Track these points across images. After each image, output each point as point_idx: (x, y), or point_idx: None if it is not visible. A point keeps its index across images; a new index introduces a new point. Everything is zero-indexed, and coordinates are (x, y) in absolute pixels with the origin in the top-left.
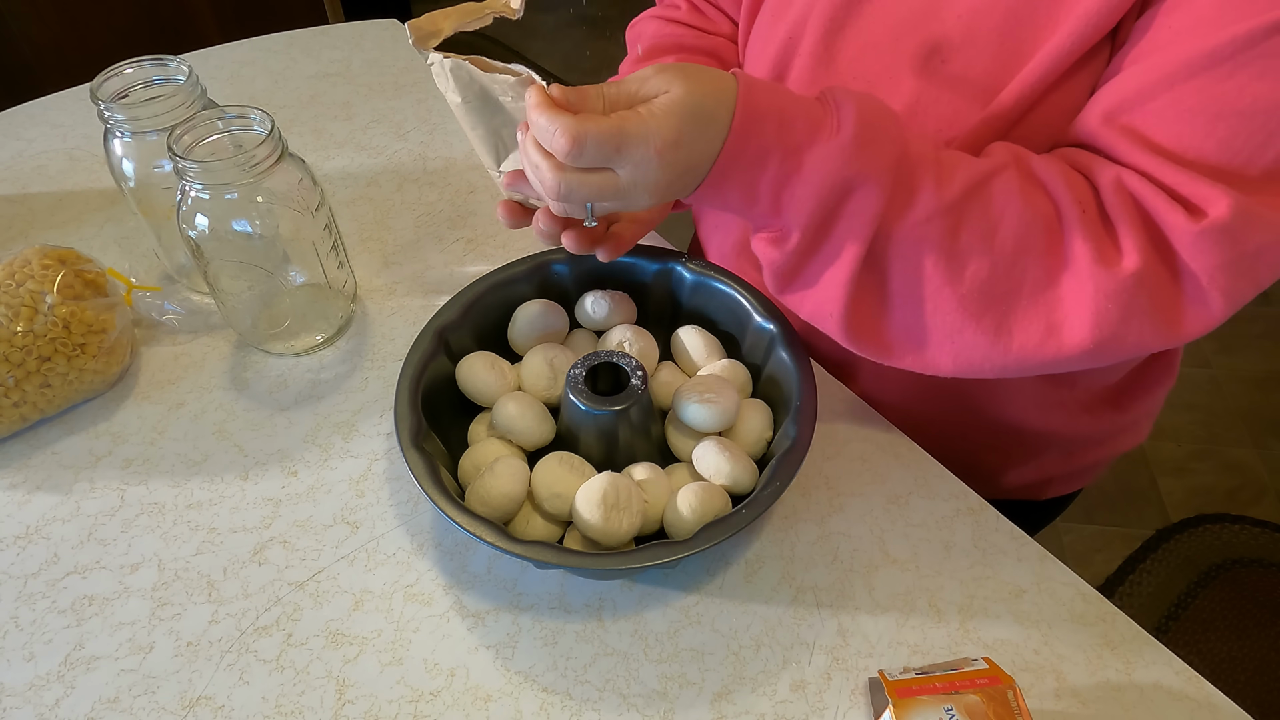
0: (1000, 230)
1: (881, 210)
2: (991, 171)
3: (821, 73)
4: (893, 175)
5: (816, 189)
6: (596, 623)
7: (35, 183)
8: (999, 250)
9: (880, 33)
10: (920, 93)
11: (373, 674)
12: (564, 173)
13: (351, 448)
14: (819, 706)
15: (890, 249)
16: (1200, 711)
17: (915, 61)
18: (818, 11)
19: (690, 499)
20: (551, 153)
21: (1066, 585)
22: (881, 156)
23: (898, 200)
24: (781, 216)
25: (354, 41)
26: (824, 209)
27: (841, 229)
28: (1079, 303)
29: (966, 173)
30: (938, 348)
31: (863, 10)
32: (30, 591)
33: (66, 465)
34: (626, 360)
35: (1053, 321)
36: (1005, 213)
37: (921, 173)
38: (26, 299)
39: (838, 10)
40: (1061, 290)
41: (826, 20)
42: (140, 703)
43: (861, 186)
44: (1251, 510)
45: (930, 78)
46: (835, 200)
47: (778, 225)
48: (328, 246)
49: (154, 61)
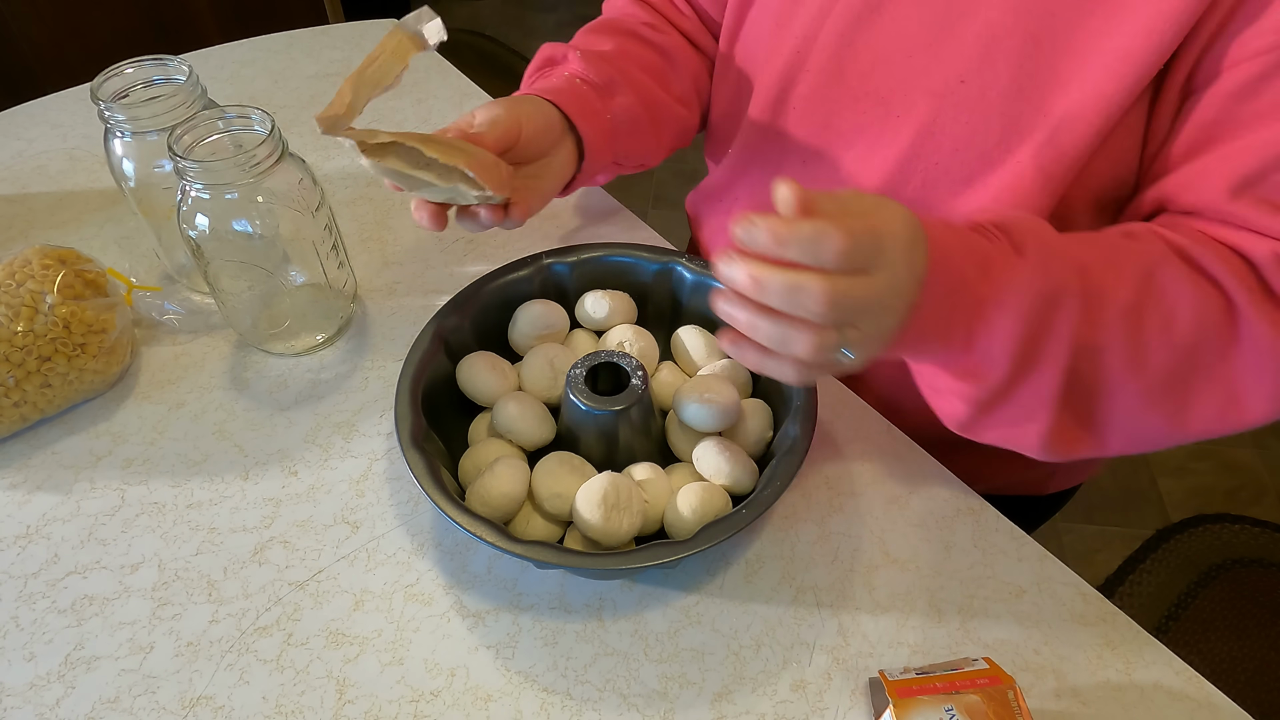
0: (1177, 321)
1: (1078, 321)
2: (1154, 262)
3: (832, 88)
4: (1080, 282)
5: (1020, 314)
6: (597, 623)
7: (35, 182)
8: (1178, 341)
9: (893, 49)
10: (937, 112)
11: (373, 674)
12: (834, 280)
13: (352, 448)
14: (819, 706)
15: (1083, 357)
16: (1200, 711)
17: (931, 80)
18: (830, 25)
19: (690, 499)
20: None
21: (1067, 585)
22: (1066, 266)
23: (1090, 307)
24: (975, 352)
25: (354, 41)
26: (1029, 332)
27: (1047, 350)
28: (1259, 376)
29: (1132, 267)
30: (1115, 434)
31: (874, 25)
32: (30, 591)
33: (67, 465)
34: (627, 360)
35: (1231, 395)
36: (1179, 304)
37: (1097, 274)
38: (27, 299)
39: (848, 25)
40: (1238, 366)
41: (837, 35)
42: (140, 703)
43: (1061, 302)
44: (1252, 510)
45: (947, 97)
46: (1039, 322)
47: (969, 362)
48: (328, 246)
49: (154, 61)
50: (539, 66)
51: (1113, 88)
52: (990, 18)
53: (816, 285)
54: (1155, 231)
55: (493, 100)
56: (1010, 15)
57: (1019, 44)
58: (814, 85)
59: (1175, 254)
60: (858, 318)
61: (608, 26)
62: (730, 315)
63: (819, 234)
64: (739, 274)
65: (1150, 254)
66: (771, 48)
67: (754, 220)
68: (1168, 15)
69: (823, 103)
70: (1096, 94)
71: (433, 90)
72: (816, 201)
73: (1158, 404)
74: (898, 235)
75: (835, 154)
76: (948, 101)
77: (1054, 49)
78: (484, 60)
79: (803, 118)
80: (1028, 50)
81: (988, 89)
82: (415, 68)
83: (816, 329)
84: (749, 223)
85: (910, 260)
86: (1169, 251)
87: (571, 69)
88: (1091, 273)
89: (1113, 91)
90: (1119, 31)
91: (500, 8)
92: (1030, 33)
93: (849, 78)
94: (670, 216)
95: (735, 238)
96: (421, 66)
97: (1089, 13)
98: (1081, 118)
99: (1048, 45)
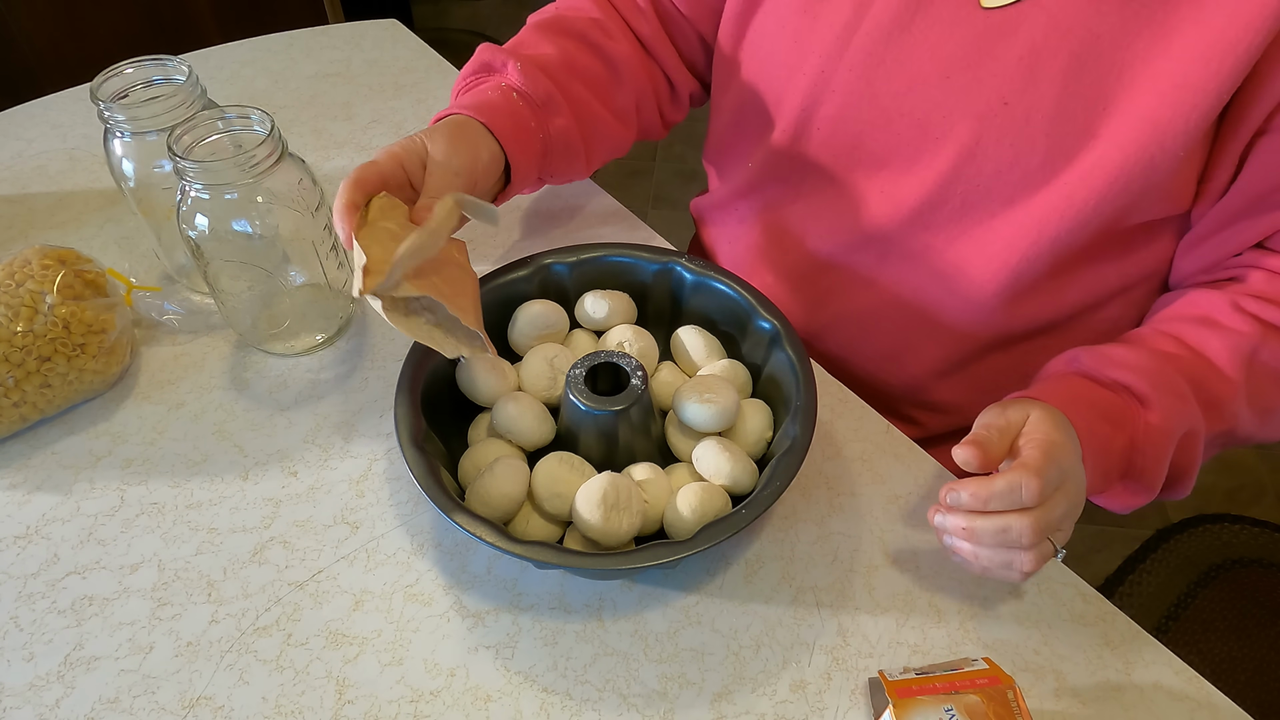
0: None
1: (1204, 431)
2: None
3: (862, 108)
4: (1198, 400)
5: (1163, 457)
6: (596, 623)
7: (35, 183)
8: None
9: (929, 70)
10: (979, 135)
11: (373, 674)
12: (1035, 513)
13: (351, 448)
14: (819, 707)
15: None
16: (1200, 712)
17: (973, 102)
18: (857, 43)
19: (690, 499)
20: (1020, 506)
21: (1066, 585)
22: (1183, 400)
23: (1211, 416)
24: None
25: (354, 42)
26: (1172, 462)
27: (1187, 462)
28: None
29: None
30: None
31: (905, 45)
32: (30, 591)
33: (66, 465)
34: (626, 360)
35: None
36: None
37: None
38: (26, 299)
39: (877, 44)
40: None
41: (865, 54)
42: (140, 703)
43: (1191, 430)
44: (1251, 510)
45: (990, 120)
46: (1177, 453)
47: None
48: (328, 247)
49: (154, 61)
50: (475, 71)
51: (1168, 114)
52: (1033, 38)
53: (1021, 523)
54: (1240, 311)
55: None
56: (1054, 36)
57: (1063, 65)
58: (841, 105)
59: (1267, 331)
60: (1061, 523)
61: (555, 26)
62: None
63: (1013, 488)
64: (953, 524)
65: (1242, 341)
66: (791, 65)
67: (956, 488)
68: (1226, 45)
69: (851, 123)
70: (1148, 119)
71: (432, 90)
72: (988, 443)
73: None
74: (1064, 445)
75: (863, 175)
76: (991, 124)
77: (1099, 71)
78: None
79: (828, 138)
80: (1073, 71)
81: (1032, 111)
82: (415, 68)
83: (1031, 548)
84: (953, 491)
85: (1076, 453)
86: (1262, 331)
87: (509, 80)
88: (1205, 385)
89: (1168, 119)
90: (1168, 55)
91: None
92: (1074, 54)
93: (881, 98)
94: (670, 216)
95: (943, 501)
96: (421, 67)
97: (1134, 35)
98: (1133, 141)
99: (1092, 66)
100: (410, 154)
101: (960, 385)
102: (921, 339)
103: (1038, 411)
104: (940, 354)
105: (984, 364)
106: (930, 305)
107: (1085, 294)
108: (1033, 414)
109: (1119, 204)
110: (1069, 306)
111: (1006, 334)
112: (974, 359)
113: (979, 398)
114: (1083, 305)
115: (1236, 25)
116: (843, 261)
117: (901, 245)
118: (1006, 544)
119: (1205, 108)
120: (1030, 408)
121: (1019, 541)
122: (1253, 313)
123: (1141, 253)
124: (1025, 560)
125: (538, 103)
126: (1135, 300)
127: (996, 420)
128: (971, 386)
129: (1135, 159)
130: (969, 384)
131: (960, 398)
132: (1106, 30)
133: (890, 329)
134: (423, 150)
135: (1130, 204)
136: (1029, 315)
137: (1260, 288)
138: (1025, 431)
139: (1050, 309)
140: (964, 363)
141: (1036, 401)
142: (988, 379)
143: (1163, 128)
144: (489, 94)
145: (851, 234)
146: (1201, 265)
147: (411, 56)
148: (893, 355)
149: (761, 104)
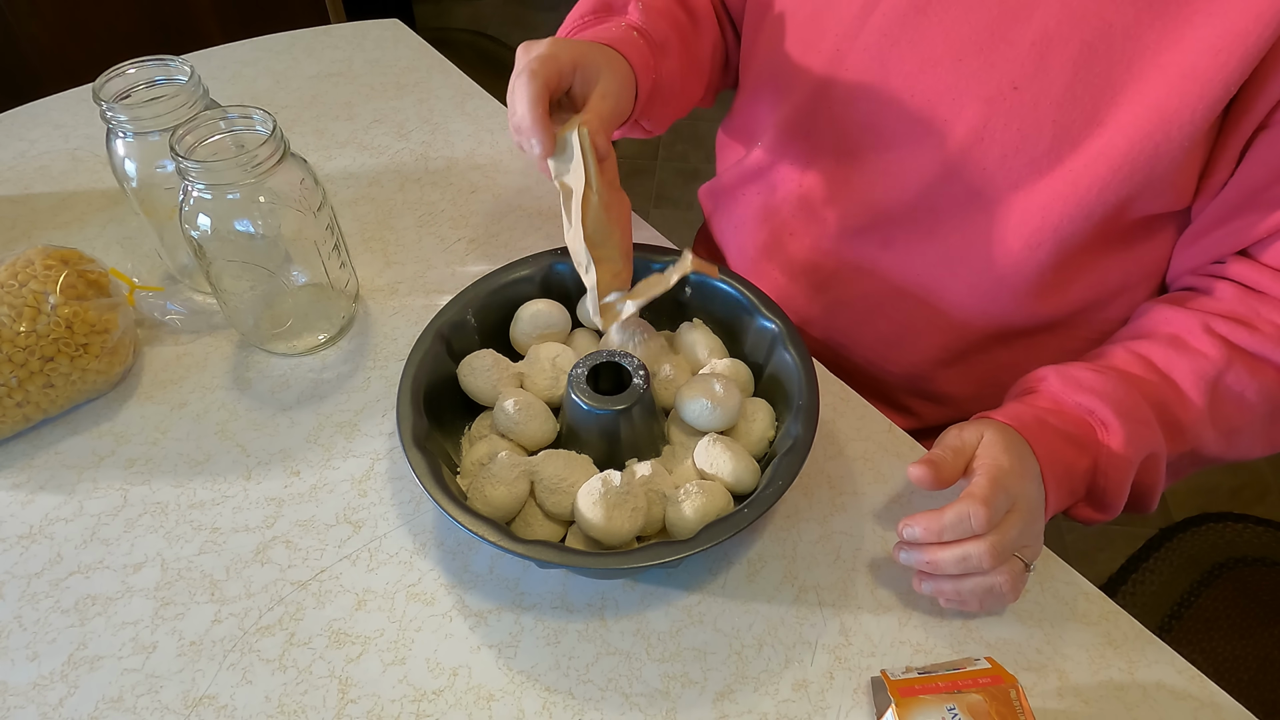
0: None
1: (1166, 453)
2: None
3: (875, 87)
4: (1161, 424)
5: (1124, 481)
6: (599, 622)
7: (38, 183)
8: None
9: (941, 52)
10: (987, 118)
11: (375, 673)
12: (989, 538)
13: (354, 447)
14: (821, 706)
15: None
16: (1203, 711)
17: (983, 85)
18: (873, 23)
19: (692, 498)
20: (972, 533)
21: (1069, 584)
22: (1147, 426)
23: (1173, 439)
24: (1095, 502)
25: (356, 42)
26: (1133, 484)
27: (1150, 482)
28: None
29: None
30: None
31: (921, 26)
32: (34, 591)
33: (70, 465)
34: (628, 359)
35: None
36: (1245, 393)
37: (1173, 407)
38: (29, 299)
39: (893, 24)
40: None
41: (880, 34)
42: (143, 702)
43: (1153, 454)
44: (1255, 509)
45: (998, 103)
46: (1140, 474)
47: (1093, 508)
48: (330, 246)
49: (156, 62)
50: (592, 10)
51: (1175, 104)
52: (1046, 24)
53: (978, 549)
54: (1210, 333)
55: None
56: (1066, 23)
57: (1075, 52)
58: (855, 83)
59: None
60: (1021, 542)
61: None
62: (942, 593)
63: (961, 518)
64: (917, 559)
65: (1209, 365)
66: (808, 42)
67: (910, 523)
68: (1235, 36)
69: (863, 103)
70: (1156, 108)
71: (433, 90)
72: (942, 462)
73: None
74: (1011, 470)
75: (873, 154)
76: (999, 108)
77: (1110, 59)
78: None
79: (840, 116)
80: (1084, 59)
81: (1041, 97)
82: (417, 68)
83: (994, 571)
84: (908, 525)
85: (1027, 475)
86: (1224, 352)
87: (631, 20)
88: (1168, 407)
89: (1175, 108)
90: (1179, 47)
91: (501, 7)
92: (1086, 41)
93: (893, 78)
94: (672, 216)
95: (902, 537)
96: (423, 66)
97: (1146, 25)
98: (1139, 129)
99: (1104, 54)
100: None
101: (960, 376)
102: (923, 326)
103: (990, 434)
104: (941, 342)
105: (985, 357)
106: (933, 292)
107: (1088, 291)
108: (985, 435)
109: (1123, 192)
110: (1071, 303)
111: (1008, 327)
112: (975, 350)
113: (978, 391)
114: (1085, 303)
115: (1247, 16)
116: (847, 245)
117: (906, 228)
118: (970, 570)
119: (1212, 98)
120: (985, 429)
121: (980, 566)
122: (1222, 334)
123: (1143, 250)
124: (1000, 583)
125: (656, 44)
126: (1136, 302)
127: (953, 442)
128: (971, 379)
129: (1141, 147)
130: (969, 376)
131: (959, 389)
132: (1120, 20)
133: (892, 314)
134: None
135: (1133, 193)
136: (1031, 309)
137: (1231, 307)
138: (977, 455)
139: (1052, 304)
140: (965, 353)
141: (992, 422)
142: (988, 373)
143: (1169, 117)
144: (615, 31)
145: (857, 216)
146: (1195, 264)
147: (413, 56)
148: (894, 341)
149: (776, 81)
